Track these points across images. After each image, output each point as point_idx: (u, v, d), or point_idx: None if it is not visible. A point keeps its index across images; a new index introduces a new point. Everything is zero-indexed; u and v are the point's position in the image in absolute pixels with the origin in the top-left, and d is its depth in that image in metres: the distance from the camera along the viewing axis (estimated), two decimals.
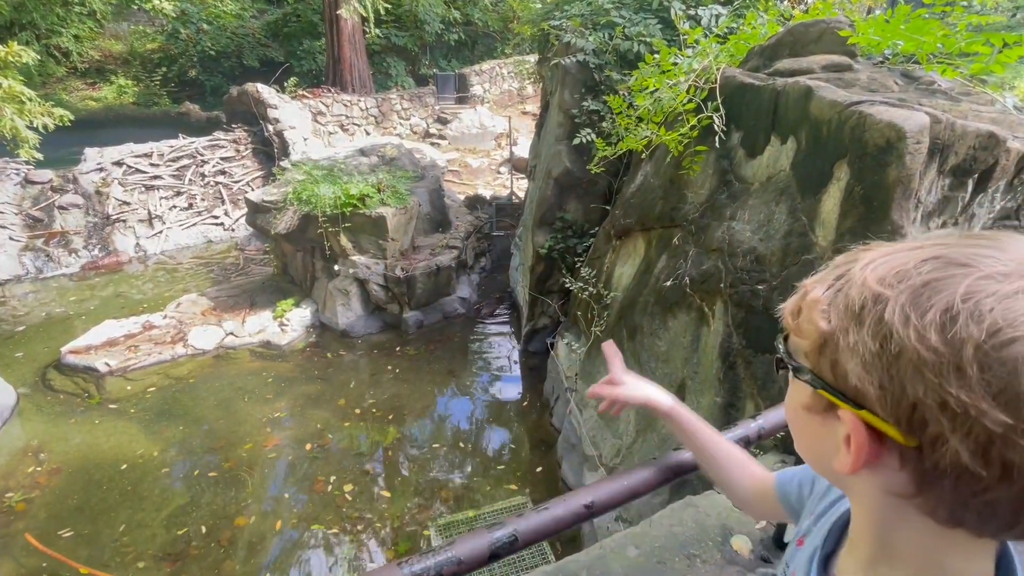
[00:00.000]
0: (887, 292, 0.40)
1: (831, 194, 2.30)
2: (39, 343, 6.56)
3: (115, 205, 9.25)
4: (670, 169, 3.76)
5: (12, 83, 5.85)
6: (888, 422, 0.39)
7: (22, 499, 4.37)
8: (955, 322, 0.36)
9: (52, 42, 14.23)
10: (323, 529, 4.21)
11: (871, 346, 0.39)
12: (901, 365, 0.38)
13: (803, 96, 2.51)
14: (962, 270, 0.38)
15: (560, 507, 1.02)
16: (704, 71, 3.47)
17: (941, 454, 0.37)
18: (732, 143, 3.23)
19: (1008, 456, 0.35)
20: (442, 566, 0.89)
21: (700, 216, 3.41)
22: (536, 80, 9.15)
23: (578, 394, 4.78)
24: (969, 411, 0.35)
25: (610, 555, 1.66)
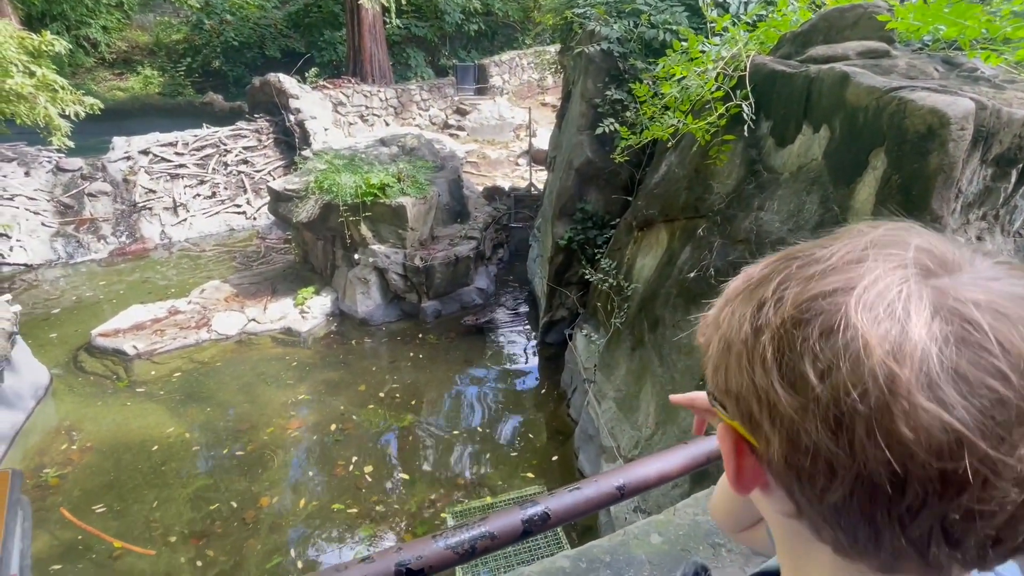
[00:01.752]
0: (731, 296, 0.41)
1: (866, 183, 2.24)
2: (71, 326, 6.76)
3: (141, 193, 9.45)
4: (696, 159, 3.71)
5: (46, 71, 5.99)
6: (742, 425, 0.39)
7: (56, 475, 4.53)
8: (761, 309, 0.37)
9: (81, 33, 14.52)
10: (343, 509, 4.29)
11: (717, 349, 0.40)
12: (730, 362, 0.38)
13: (838, 82, 2.44)
14: (788, 262, 0.38)
15: (592, 488, 1.02)
16: (733, 59, 3.40)
17: (774, 453, 0.35)
18: (761, 132, 3.17)
19: (814, 442, 0.33)
20: (476, 540, 0.90)
21: (726, 206, 3.35)
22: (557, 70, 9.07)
23: (596, 385, 4.77)
24: (769, 397, 0.35)
25: (633, 542, 1.66)
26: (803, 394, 0.33)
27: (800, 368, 0.33)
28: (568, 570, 1.49)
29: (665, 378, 3.63)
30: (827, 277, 0.35)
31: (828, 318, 0.33)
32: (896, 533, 0.32)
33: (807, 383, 0.33)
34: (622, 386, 4.34)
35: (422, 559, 0.85)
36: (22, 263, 8.32)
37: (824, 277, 0.36)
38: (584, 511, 0.99)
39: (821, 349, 0.33)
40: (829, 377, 0.32)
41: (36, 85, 5.98)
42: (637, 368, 4.12)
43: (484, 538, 0.90)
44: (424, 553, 0.86)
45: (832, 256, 0.37)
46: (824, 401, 0.32)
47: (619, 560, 1.54)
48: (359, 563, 0.84)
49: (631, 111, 4.86)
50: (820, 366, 0.33)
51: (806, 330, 0.34)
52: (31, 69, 5.94)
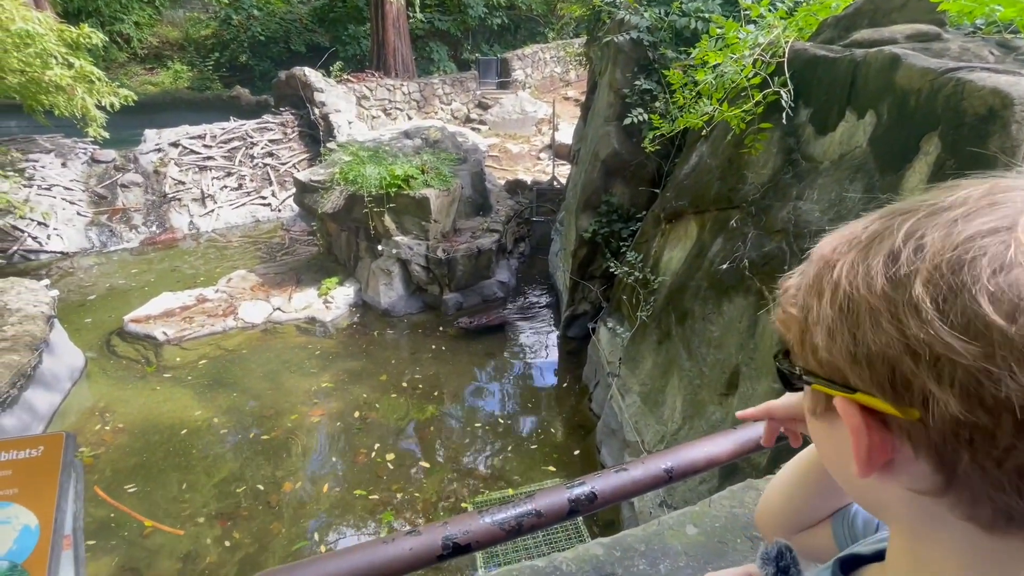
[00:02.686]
0: (836, 257, 0.38)
1: (916, 170, 2.14)
2: (104, 312, 6.94)
3: (171, 184, 9.66)
4: (729, 148, 3.61)
5: (83, 63, 6.14)
6: (874, 395, 0.35)
7: (91, 454, 4.66)
8: (897, 260, 0.34)
9: (115, 29, 14.89)
10: (364, 496, 4.33)
11: (831, 313, 0.37)
12: (860, 322, 0.34)
13: (888, 65, 2.34)
14: (905, 215, 0.36)
15: (639, 469, 0.99)
16: (770, 45, 3.30)
17: (940, 416, 0.31)
18: (800, 120, 3.07)
19: (1000, 393, 0.29)
20: (522, 517, 0.88)
21: (761, 197, 3.26)
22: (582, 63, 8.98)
23: (620, 379, 4.71)
24: (936, 351, 0.31)
25: (668, 532, 1.62)
26: (985, 338, 0.29)
27: (975, 310, 0.30)
28: (602, 557, 1.46)
29: (693, 372, 3.56)
30: (973, 219, 0.32)
31: (998, 253, 0.30)
32: None
33: (990, 325, 0.29)
34: (647, 380, 4.28)
35: (469, 534, 0.83)
36: (59, 251, 8.58)
37: (969, 219, 0.32)
38: (631, 492, 0.95)
39: (999, 286, 0.29)
40: (1019, 317, 0.28)
41: (74, 76, 6.13)
42: (663, 362, 4.05)
43: (530, 515, 0.87)
44: (471, 528, 0.83)
45: (963, 202, 0.34)
46: (1017, 341, 0.28)
47: (654, 549, 1.50)
48: (407, 535, 0.82)
49: (661, 101, 4.77)
50: (1004, 305, 0.29)
51: (973, 270, 0.30)
52: (69, 61, 6.10)
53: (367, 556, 0.79)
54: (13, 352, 4.64)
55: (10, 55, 5.52)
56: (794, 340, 0.42)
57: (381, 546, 0.80)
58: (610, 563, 1.46)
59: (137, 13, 15.42)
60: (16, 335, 4.83)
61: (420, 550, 0.80)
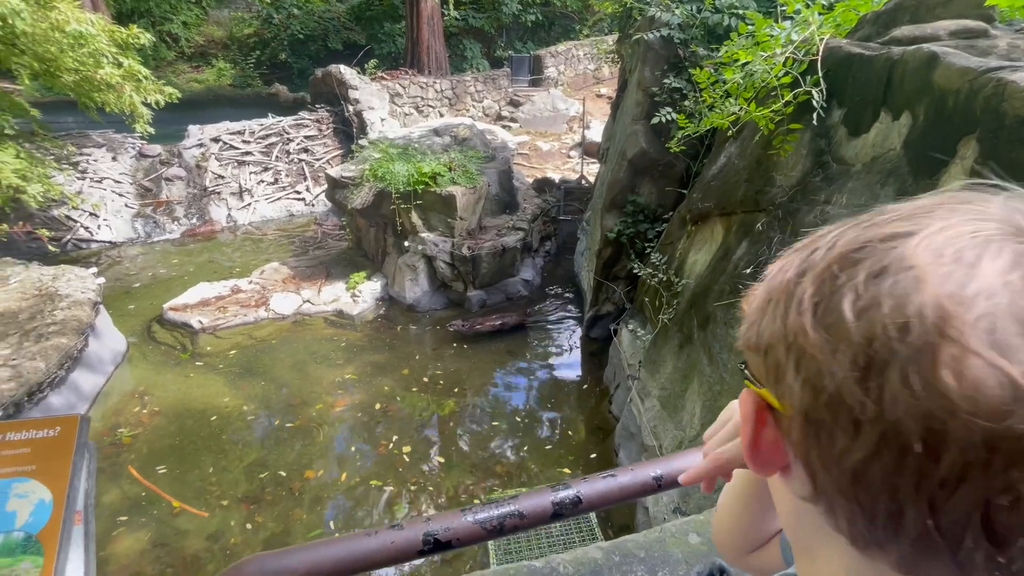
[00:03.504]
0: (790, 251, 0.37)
1: (952, 175, 2.04)
2: (146, 299, 7.28)
3: (211, 178, 10.03)
4: (757, 150, 3.52)
5: (132, 62, 6.43)
6: (764, 387, 0.35)
7: (130, 434, 4.91)
8: (812, 255, 0.33)
9: (164, 29, 15.54)
10: (381, 486, 4.42)
11: (757, 302, 0.37)
12: (768, 308, 0.35)
13: (925, 64, 2.23)
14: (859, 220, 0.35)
15: (627, 476, 0.98)
16: (804, 42, 3.19)
17: (797, 408, 0.32)
18: (832, 121, 2.96)
19: (837, 387, 0.28)
20: (505, 517, 0.88)
21: (789, 200, 3.16)
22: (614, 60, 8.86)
23: (640, 382, 4.65)
24: (798, 339, 0.31)
25: (669, 539, 1.60)
26: (834, 333, 0.29)
27: (837, 307, 0.30)
28: (600, 561, 1.45)
29: (714, 378, 3.49)
30: (889, 224, 0.32)
31: (881, 257, 0.30)
32: (923, 512, 0.27)
33: (841, 321, 0.29)
34: (667, 384, 4.21)
35: (450, 531, 0.84)
36: (107, 240, 9.04)
37: (886, 224, 0.32)
38: (618, 499, 0.95)
39: (865, 287, 0.29)
40: (867, 313, 0.28)
41: (123, 75, 6.43)
42: (684, 366, 3.98)
43: (513, 516, 0.88)
44: (452, 525, 0.85)
45: (903, 211, 0.33)
46: (856, 339, 0.28)
47: (654, 556, 1.48)
48: (389, 529, 0.84)
49: (690, 100, 4.67)
50: (860, 303, 0.29)
51: (853, 270, 0.30)
52: (119, 60, 6.40)
53: (350, 547, 0.81)
54: (62, 335, 4.92)
55: (66, 55, 5.84)
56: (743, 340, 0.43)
57: (364, 538, 0.82)
58: (608, 568, 1.45)
59: (185, 13, 16.06)
60: (65, 319, 5.12)
61: (401, 544, 0.82)
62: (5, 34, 5.07)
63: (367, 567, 0.81)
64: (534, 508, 0.89)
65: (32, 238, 8.10)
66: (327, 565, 0.77)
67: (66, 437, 0.86)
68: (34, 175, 6.01)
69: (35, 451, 0.82)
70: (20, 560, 0.76)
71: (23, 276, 5.77)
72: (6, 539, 0.78)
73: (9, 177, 5.40)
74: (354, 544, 0.81)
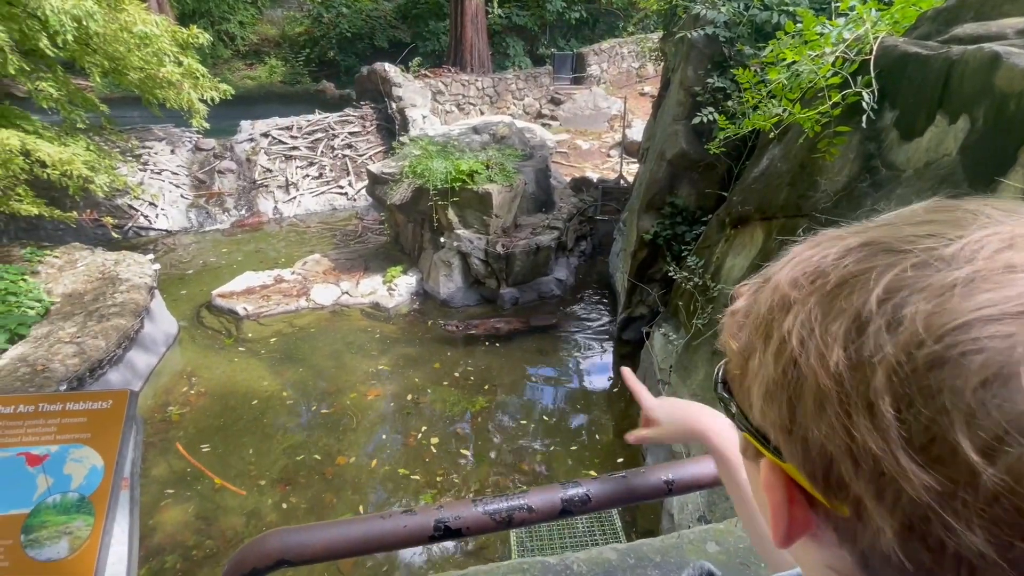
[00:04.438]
0: (795, 295, 0.30)
1: (1011, 183, 1.93)
2: (197, 286, 7.69)
3: (260, 172, 10.46)
4: (802, 152, 3.40)
5: (191, 61, 6.79)
6: (804, 477, 0.29)
7: (178, 413, 5.21)
8: (863, 333, 0.25)
9: (222, 28, 16.29)
10: (408, 475, 4.54)
11: (772, 372, 0.30)
12: (804, 397, 0.28)
13: (987, 65, 2.11)
14: (890, 258, 0.27)
15: (638, 478, 0.99)
16: (857, 41, 3.06)
17: (873, 534, 0.26)
18: (883, 123, 2.83)
19: (950, 545, 0.22)
20: (514, 510, 0.91)
21: (833, 205, 3.05)
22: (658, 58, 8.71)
23: (671, 387, 4.58)
24: (883, 466, 0.24)
25: (687, 545, 1.58)
26: (947, 472, 0.22)
27: (943, 432, 0.23)
28: (615, 562, 1.46)
29: None
30: (976, 291, 0.24)
31: (996, 356, 0.22)
32: None
33: (958, 456, 0.22)
34: (699, 390, 4.13)
35: (460, 520, 0.87)
36: (164, 229, 9.58)
37: (972, 290, 0.24)
38: (627, 500, 0.96)
39: (985, 405, 0.22)
40: (999, 457, 0.21)
41: (183, 73, 6.79)
42: None
43: (522, 510, 0.90)
44: (463, 514, 0.88)
45: (972, 256, 0.25)
46: (989, 490, 0.22)
47: (669, 562, 1.48)
48: (402, 513, 0.87)
49: (734, 100, 4.56)
50: (984, 433, 0.22)
51: (956, 374, 0.23)
52: (179, 59, 6.77)
53: (365, 528, 0.85)
54: (121, 317, 5.27)
55: (132, 54, 6.22)
56: (732, 374, 0.37)
57: (379, 521, 0.86)
58: (622, 569, 1.45)
59: (242, 13, 16.79)
60: (124, 302, 5.48)
61: (413, 528, 0.85)
62: (80, 35, 5.45)
63: (380, 548, 0.85)
64: (543, 503, 0.91)
65: (98, 225, 8.68)
66: (342, 543, 0.82)
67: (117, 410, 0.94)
68: (101, 166, 6.43)
69: (90, 421, 0.91)
70: (74, 518, 0.85)
71: (89, 260, 6.20)
72: (63, 498, 0.86)
73: (80, 168, 5.81)
74: (368, 525, 0.85)
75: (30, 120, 6.21)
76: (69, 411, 0.91)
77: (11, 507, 0.83)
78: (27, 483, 0.85)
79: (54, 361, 4.50)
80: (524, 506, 0.90)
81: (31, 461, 0.86)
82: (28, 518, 0.84)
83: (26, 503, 0.84)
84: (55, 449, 0.88)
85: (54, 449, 0.88)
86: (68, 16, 5.07)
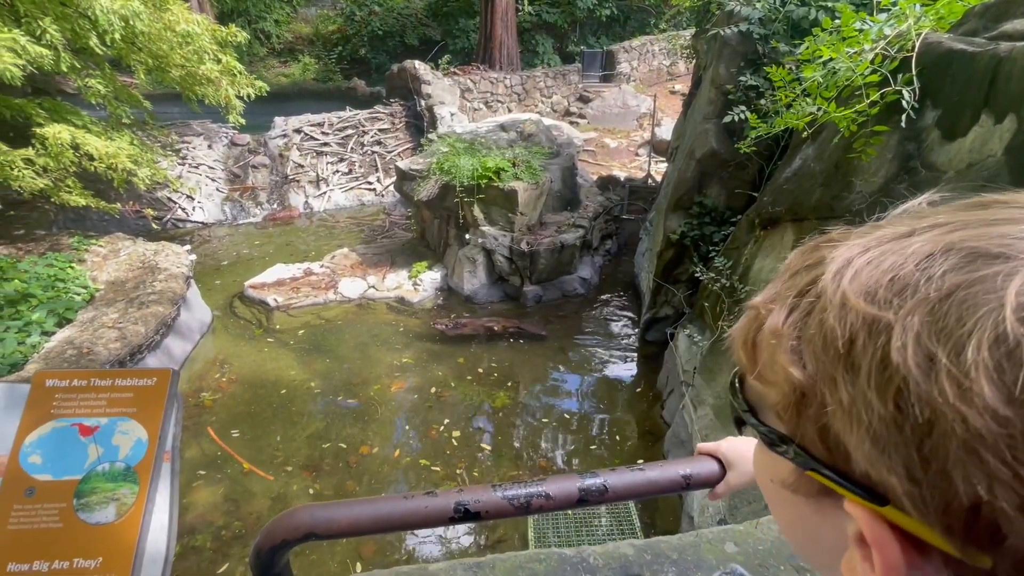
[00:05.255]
0: (886, 315, 0.25)
1: None
2: (230, 276, 7.94)
3: (292, 167, 10.72)
4: (837, 153, 3.32)
5: (229, 59, 7.01)
6: (931, 528, 0.24)
7: (211, 398, 5.41)
8: (1013, 358, 0.21)
9: (258, 27, 16.73)
10: (428, 466, 4.62)
11: (880, 408, 0.25)
12: (939, 442, 0.23)
13: None
14: (999, 265, 0.23)
15: (656, 471, 0.99)
16: (898, 37, 2.97)
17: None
18: (924, 123, 2.74)
19: None
20: (532, 496, 0.93)
21: (868, 208, 2.96)
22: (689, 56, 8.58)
23: (694, 389, 4.53)
24: None
25: (705, 545, 1.58)
26: None
27: None
28: (631, 557, 1.47)
29: None
30: None
31: None
32: None
33: None
34: (723, 394, 4.07)
35: (479, 503, 0.90)
36: (200, 221, 9.92)
37: None
38: (644, 492, 0.97)
39: None
40: None
41: (221, 70, 7.02)
42: None
43: (540, 497, 0.92)
44: (482, 498, 0.91)
45: None
46: None
47: (687, 560, 1.48)
48: (424, 495, 0.91)
49: (766, 99, 4.47)
50: None
51: None
52: (218, 57, 6.99)
53: (388, 507, 0.89)
54: (159, 304, 5.49)
55: (175, 52, 6.46)
56: (781, 401, 0.31)
57: (401, 501, 0.89)
58: (638, 564, 1.46)
59: (277, 12, 17.21)
60: (162, 290, 5.70)
61: (434, 509, 0.89)
62: (127, 34, 5.68)
63: (401, 527, 0.88)
64: (560, 491, 0.93)
65: (139, 216, 9.05)
66: (366, 520, 0.86)
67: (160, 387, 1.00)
68: (144, 160, 6.70)
69: (136, 396, 0.97)
70: (121, 486, 0.91)
71: (131, 250, 6.48)
72: (111, 467, 0.92)
73: (124, 161, 6.06)
74: (391, 505, 0.89)
75: (79, 115, 6.51)
76: (117, 387, 0.97)
77: (65, 473, 0.90)
78: (80, 452, 0.91)
79: (98, 345, 4.72)
80: (542, 493, 0.92)
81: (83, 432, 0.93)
82: (80, 484, 0.90)
83: (78, 470, 0.90)
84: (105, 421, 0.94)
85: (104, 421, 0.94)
86: (116, 16, 5.30)
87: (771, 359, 0.32)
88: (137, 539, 0.87)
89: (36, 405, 0.92)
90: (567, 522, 3.66)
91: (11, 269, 5.45)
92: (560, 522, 3.68)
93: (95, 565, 0.85)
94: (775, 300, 0.33)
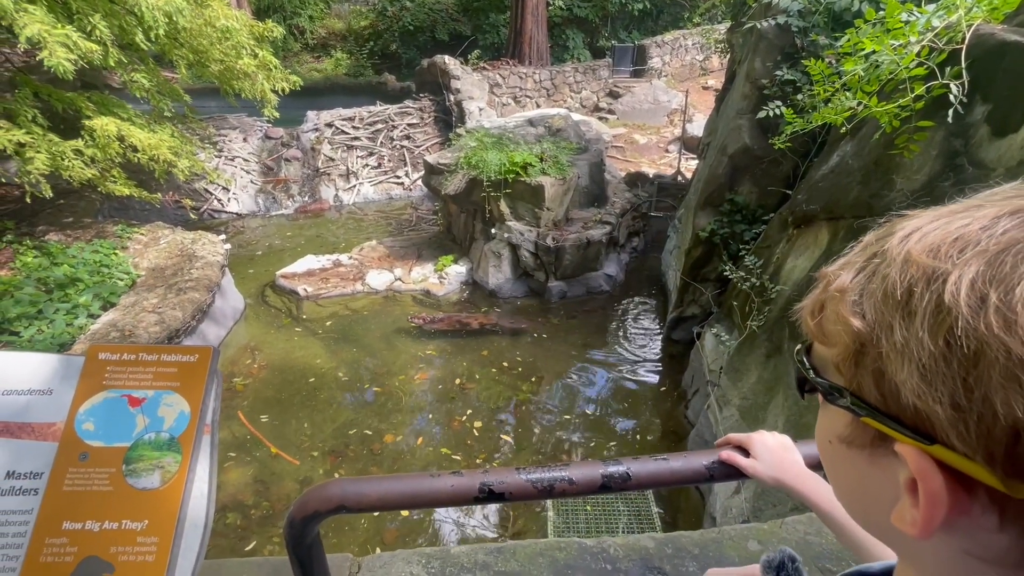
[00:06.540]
0: (945, 266, 0.27)
1: None
2: (263, 266, 8.17)
3: (323, 160, 10.93)
4: (877, 149, 3.21)
5: (265, 54, 7.19)
6: (975, 461, 0.26)
7: (242, 383, 5.59)
8: None
9: (293, 23, 17.07)
10: (450, 454, 4.69)
11: (930, 345, 0.27)
12: (983, 371, 0.25)
13: None
14: None
15: (679, 461, 0.99)
16: (947, 29, 2.85)
17: None
18: (972, 118, 2.64)
19: None
20: (556, 481, 0.94)
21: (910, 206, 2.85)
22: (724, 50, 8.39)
23: (720, 389, 4.46)
24: None
25: (727, 542, 1.56)
26: None
27: None
28: (651, 550, 1.47)
29: None
30: None
31: None
32: None
33: None
34: (749, 394, 4.00)
35: (504, 485, 0.92)
36: (234, 212, 10.22)
37: None
38: (667, 482, 0.97)
39: None
40: None
41: (257, 65, 7.20)
42: (770, 377, 3.77)
43: (563, 481, 0.94)
44: (506, 480, 0.92)
45: None
46: None
47: (708, 556, 1.47)
48: (451, 475, 0.93)
49: (804, 94, 4.35)
50: None
51: None
52: (255, 52, 7.17)
53: (416, 484, 0.91)
54: (195, 291, 5.69)
55: (214, 47, 6.65)
56: (841, 354, 0.34)
57: (428, 479, 0.92)
58: (659, 557, 1.46)
59: (312, 7, 17.52)
60: (199, 278, 5.91)
61: (460, 488, 0.91)
62: (170, 29, 5.88)
63: (428, 504, 0.91)
64: (584, 477, 0.94)
65: (178, 206, 9.38)
66: (394, 495, 0.89)
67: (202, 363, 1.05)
68: (183, 152, 6.94)
69: (180, 371, 1.02)
70: (165, 455, 0.96)
71: (170, 238, 6.73)
72: (156, 437, 0.97)
73: (166, 153, 6.29)
74: (419, 482, 0.91)
75: (125, 108, 6.77)
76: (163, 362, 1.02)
77: (116, 440, 0.95)
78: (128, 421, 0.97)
79: (139, 328, 4.93)
80: (565, 478, 0.94)
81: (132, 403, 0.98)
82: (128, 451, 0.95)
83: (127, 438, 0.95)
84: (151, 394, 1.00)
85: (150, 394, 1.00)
86: (161, 12, 5.49)
87: (834, 314, 0.35)
88: (179, 505, 0.92)
89: (90, 376, 0.98)
90: (586, 517, 3.67)
91: (61, 254, 5.73)
92: (580, 517, 3.68)
93: (141, 527, 0.90)
94: (844, 266, 0.36)
